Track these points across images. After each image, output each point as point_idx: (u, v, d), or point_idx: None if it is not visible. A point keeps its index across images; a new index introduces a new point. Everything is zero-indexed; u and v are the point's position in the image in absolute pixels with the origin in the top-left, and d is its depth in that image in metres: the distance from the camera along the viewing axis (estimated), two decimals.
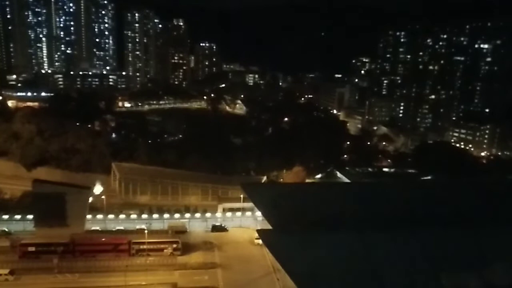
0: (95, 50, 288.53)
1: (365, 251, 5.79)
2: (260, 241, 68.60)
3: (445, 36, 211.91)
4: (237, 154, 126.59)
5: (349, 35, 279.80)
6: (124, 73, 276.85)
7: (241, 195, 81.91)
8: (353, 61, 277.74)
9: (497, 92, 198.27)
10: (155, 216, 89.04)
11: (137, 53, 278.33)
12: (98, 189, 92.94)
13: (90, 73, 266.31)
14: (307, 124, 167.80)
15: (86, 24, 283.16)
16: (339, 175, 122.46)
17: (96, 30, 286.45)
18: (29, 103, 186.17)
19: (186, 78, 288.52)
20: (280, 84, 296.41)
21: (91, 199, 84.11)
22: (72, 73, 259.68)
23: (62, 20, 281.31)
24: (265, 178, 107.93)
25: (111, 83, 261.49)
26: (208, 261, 71.59)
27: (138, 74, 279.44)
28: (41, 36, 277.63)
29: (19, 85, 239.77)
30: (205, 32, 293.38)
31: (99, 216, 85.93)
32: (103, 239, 74.05)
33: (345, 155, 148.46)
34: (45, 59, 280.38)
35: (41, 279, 63.81)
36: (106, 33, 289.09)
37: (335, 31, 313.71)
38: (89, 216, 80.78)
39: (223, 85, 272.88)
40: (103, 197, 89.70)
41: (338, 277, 5.40)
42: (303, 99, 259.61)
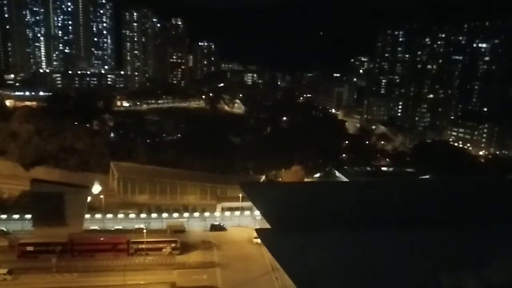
0: (93, 49, 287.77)
1: (364, 250, 5.77)
2: (258, 240, 68.46)
3: (443, 36, 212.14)
4: (235, 153, 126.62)
5: (347, 34, 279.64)
6: (122, 72, 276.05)
7: (240, 194, 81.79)
8: (352, 60, 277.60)
9: (495, 91, 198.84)
10: (154, 215, 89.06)
11: (136, 52, 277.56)
12: (96, 188, 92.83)
13: (89, 72, 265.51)
14: (306, 123, 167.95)
15: (84, 23, 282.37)
16: (337, 174, 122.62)
17: (94, 29, 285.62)
18: (27, 103, 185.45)
19: (184, 77, 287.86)
20: (279, 83, 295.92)
21: (89, 198, 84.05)
22: (70, 72, 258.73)
23: (60, 19, 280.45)
24: (263, 177, 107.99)
25: (109, 83, 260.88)
26: (207, 260, 71.64)
27: (136, 73, 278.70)
28: (39, 35, 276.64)
29: (17, 84, 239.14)
30: (204, 31, 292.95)
31: (98, 216, 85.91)
32: (101, 239, 74.01)
33: (344, 154, 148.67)
34: (43, 58, 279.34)
35: (39, 278, 63.77)
36: (104, 32, 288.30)
37: (333, 31, 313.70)
38: (87, 216, 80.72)
39: (222, 84, 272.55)
40: (101, 196, 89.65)
41: (337, 276, 5.38)
42: (301, 98, 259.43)
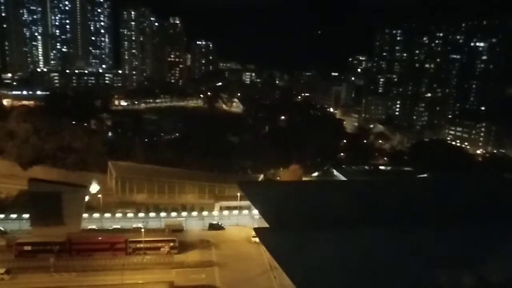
0: (91, 48, 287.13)
1: (363, 249, 5.80)
2: (257, 239, 68.55)
3: (441, 35, 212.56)
4: (234, 152, 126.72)
5: (346, 33, 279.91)
6: (120, 71, 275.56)
7: (238, 193, 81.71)
8: (350, 59, 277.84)
9: (492, 90, 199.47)
10: (152, 214, 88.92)
11: (134, 51, 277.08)
12: (94, 187, 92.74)
13: (86, 71, 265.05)
14: (304, 122, 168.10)
15: (82, 22, 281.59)
16: (335, 173, 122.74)
17: (92, 28, 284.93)
18: (25, 102, 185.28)
19: (182, 76, 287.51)
20: (277, 82, 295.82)
21: (87, 198, 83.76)
22: (68, 71, 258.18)
23: (57, 18, 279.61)
24: (262, 176, 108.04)
25: (107, 82, 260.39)
26: (205, 259, 71.58)
27: (134, 72, 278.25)
28: (36, 34, 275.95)
29: (14, 83, 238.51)
30: (202, 30, 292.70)
31: (96, 215, 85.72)
32: (99, 238, 73.84)
33: (342, 153, 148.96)
34: (41, 57, 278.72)
35: (37, 278, 63.59)
36: (102, 31, 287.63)
37: (331, 30, 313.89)
38: (85, 215, 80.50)
39: (220, 83, 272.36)
40: (99, 195, 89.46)
41: (335, 275, 5.41)
42: (299, 97, 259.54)
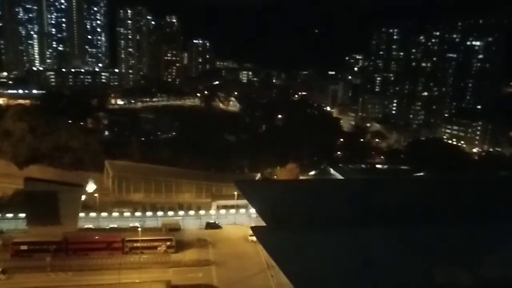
0: (87, 47, 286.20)
1: (360, 249, 5.78)
2: (254, 238, 68.49)
3: (437, 33, 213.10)
4: (231, 151, 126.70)
5: (343, 32, 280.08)
6: (116, 70, 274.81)
7: (235, 192, 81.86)
8: (346, 58, 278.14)
9: (489, 89, 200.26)
10: (149, 214, 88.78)
11: (130, 50, 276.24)
12: (91, 187, 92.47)
13: (82, 70, 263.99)
14: (301, 121, 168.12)
15: (78, 21, 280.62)
16: (332, 172, 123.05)
17: (88, 27, 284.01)
18: (21, 101, 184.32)
19: (179, 75, 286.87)
20: (274, 81, 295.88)
21: (84, 197, 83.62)
22: (64, 70, 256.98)
23: (53, 17, 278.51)
24: (259, 175, 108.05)
25: (103, 81, 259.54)
26: (202, 258, 71.57)
27: (131, 71, 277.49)
28: (32, 33, 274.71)
29: (10, 82, 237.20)
30: (199, 29, 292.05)
31: (92, 214, 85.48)
32: (96, 237, 73.67)
33: (339, 152, 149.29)
34: (37, 56, 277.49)
35: (33, 277, 63.35)
36: (98, 30, 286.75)
37: (329, 29, 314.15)
38: (82, 214, 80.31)
39: (217, 82, 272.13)
40: (96, 195, 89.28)
41: (333, 274, 5.39)
42: (296, 96, 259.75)
